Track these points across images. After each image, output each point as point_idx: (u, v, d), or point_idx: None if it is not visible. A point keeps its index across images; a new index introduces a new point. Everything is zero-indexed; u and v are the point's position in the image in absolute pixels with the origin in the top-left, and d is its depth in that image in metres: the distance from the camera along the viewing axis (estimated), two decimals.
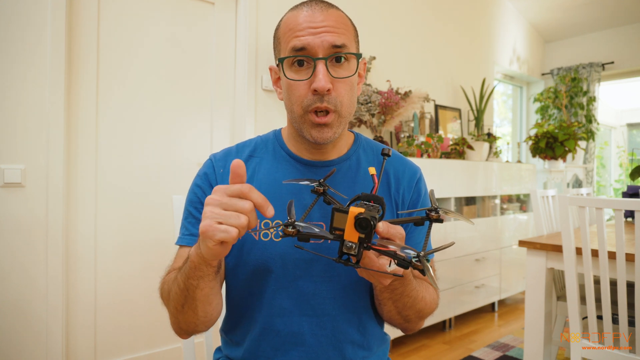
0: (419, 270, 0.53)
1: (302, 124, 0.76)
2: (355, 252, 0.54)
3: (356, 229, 0.52)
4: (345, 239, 0.54)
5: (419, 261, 0.53)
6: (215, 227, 0.55)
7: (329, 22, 0.73)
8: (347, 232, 0.53)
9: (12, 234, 1.62)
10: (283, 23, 0.77)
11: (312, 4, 0.75)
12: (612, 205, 1.40)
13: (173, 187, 2.05)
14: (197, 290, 0.68)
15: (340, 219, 0.54)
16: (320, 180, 0.64)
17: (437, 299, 0.85)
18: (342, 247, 0.54)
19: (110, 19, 1.87)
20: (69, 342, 1.78)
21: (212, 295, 0.72)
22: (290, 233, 0.55)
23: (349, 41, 0.75)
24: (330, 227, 0.55)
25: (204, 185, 0.83)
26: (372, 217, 0.52)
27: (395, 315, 0.80)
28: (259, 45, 2.28)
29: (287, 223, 0.56)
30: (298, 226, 0.56)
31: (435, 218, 0.58)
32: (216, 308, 0.76)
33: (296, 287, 0.79)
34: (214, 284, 0.71)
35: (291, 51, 0.73)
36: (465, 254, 2.83)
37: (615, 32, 4.33)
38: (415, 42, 3.21)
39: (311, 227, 0.57)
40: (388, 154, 0.66)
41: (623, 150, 6.19)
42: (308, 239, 0.57)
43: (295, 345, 0.79)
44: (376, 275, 0.62)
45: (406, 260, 0.54)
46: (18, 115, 1.62)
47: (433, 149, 2.81)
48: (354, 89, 0.78)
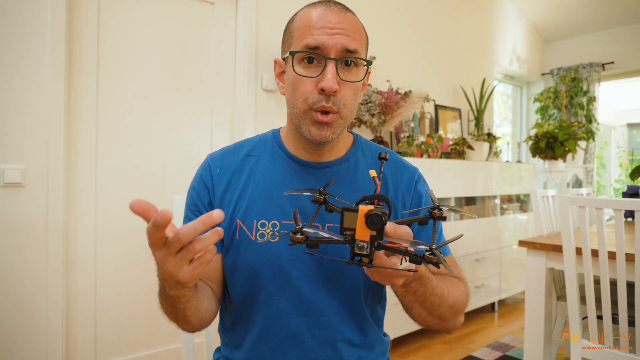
0: (433, 264, 0.52)
1: (303, 120, 0.75)
2: (367, 251, 0.53)
3: (367, 226, 0.52)
4: (356, 239, 0.53)
5: (432, 254, 0.52)
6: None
7: (345, 25, 0.73)
8: (358, 231, 0.53)
9: (12, 234, 1.62)
10: (298, 18, 0.77)
11: (331, 4, 0.75)
12: (612, 205, 1.40)
13: (173, 187, 2.05)
14: (186, 310, 0.70)
15: (351, 218, 0.53)
16: (320, 189, 0.64)
17: (467, 289, 0.84)
18: (354, 248, 0.54)
19: (110, 18, 1.87)
20: (69, 342, 1.78)
21: (202, 304, 0.75)
22: (299, 240, 0.55)
23: (361, 47, 0.76)
24: (341, 228, 0.54)
25: (200, 187, 0.83)
26: (383, 212, 0.52)
27: (428, 316, 0.78)
28: (259, 45, 2.28)
29: (295, 230, 0.56)
30: (306, 232, 0.56)
31: (438, 216, 0.58)
32: (209, 308, 0.79)
33: (293, 288, 0.78)
34: (200, 295, 0.73)
35: (304, 48, 0.73)
36: (465, 254, 2.83)
37: (615, 32, 4.33)
38: (415, 42, 3.21)
39: (319, 232, 0.57)
40: (385, 157, 0.66)
41: (623, 150, 6.19)
42: (317, 245, 0.57)
43: (294, 346, 0.79)
44: (389, 277, 0.61)
45: (418, 255, 0.53)
46: (18, 115, 1.62)
47: (433, 149, 2.81)
48: (357, 94, 0.78)
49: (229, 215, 0.80)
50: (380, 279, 0.63)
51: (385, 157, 0.66)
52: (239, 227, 0.79)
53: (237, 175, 0.83)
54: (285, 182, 0.81)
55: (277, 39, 2.33)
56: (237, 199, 0.81)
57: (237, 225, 0.79)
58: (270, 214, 0.79)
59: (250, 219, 0.79)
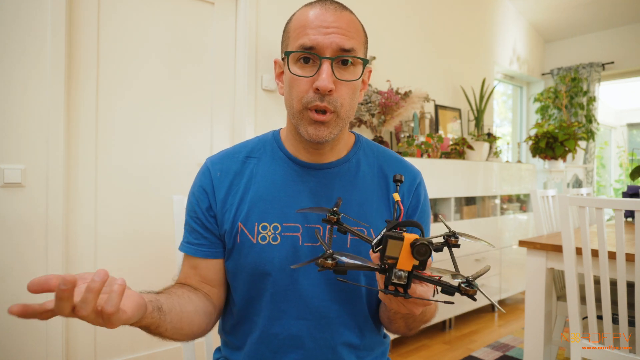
0: (468, 296, 0.51)
1: (300, 120, 0.75)
2: (405, 281, 0.52)
3: (414, 256, 0.50)
4: (396, 268, 0.51)
5: (469, 286, 0.51)
6: None
7: (341, 24, 0.73)
8: (401, 261, 0.51)
9: (12, 234, 1.62)
10: (295, 18, 0.77)
11: (327, 3, 0.75)
12: (612, 205, 1.40)
13: (173, 187, 2.05)
14: (166, 332, 0.69)
15: (395, 246, 0.51)
16: (334, 208, 0.62)
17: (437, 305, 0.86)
18: (391, 277, 0.52)
19: (110, 18, 1.87)
20: (69, 342, 1.78)
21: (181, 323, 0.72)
22: (328, 266, 0.52)
23: (358, 46, 0.75)
24: (382, 256, 0.52)
25: (198, 193, 0.83)
26: (430, 242, 0.50)
27: (404, 329, 0.82)
28: (259, 45, 2.28)
29: (326, 255, 0.53)
30: (337, 258, 0.53)
31: (454, 243, 0.57)
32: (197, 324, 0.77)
33: (294, 290, 0.78)
34: (167, 321, 0.68)
35: (300, 47, 0.73)
36: (465, 254, 2.83)
37: (615, 32, 4.33)
38: (415, 42, 3.21)
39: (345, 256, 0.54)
40: (400, 180, 0.64)
41: (623, 150, 6.19)
42: (346, 272, 0.54)
43: (294, 349, 0.79)
44: (409, 306, 0.60)
45: (453, 287, 0.52)
46: (18, 115, 1.62)
47: (433, 149, 2.81)
48: (356, 93, 0.77)
49: (231, 218, 0.80)
50: (398, 306, 0.61)
51: (401, 180, 0.65)
52: (240, 231, 0.79)
53: (239, 177, 0.82)
54: (286, 184, 0.81)
55: (277, 39, 2.33)
56: (239, 202, 0.80)
57: (239, 229, 0.79)
58: (271, 217, 0.79)
59: (251, 222, 0.79)
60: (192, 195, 0.84)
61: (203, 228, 0.82)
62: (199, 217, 0.82)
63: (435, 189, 2.60)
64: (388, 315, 0.79)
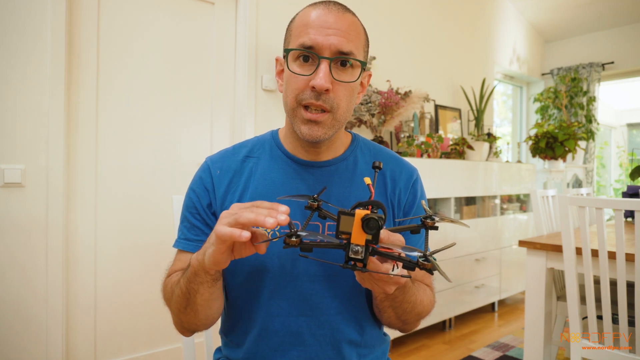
0: (426, 270, 0.53)
1: (294, 118, 0.77)
2: (362, 256, 0.54)
3: (364, 229, 0.53)
4: (352, 243, 0.54)
5: (426, 260, 0.53)
6: (228, 229, 0.58)
7: (341, 27, 0.73)
8: (354, 235, 0.54)
9: (12, 234, 1.62)
10: (298, 17, 0.78)
11: (330, 5, 0.76)
12: (612, 205, 1.40)
13: (173, 187, 2.05)
14: (198, 295, 0.70)
15: (347, 222, 0.54)
16: (315, 195, 0.65)
17: (434, 298, 0.86)
18: (348, 252, 0.54)
19: (110, 19, 1.87)
20: (68, 342, 1.78)
21: (212, 300, 0.74)
22: (293, 243, 0.56)
23: (357, 48, 0.76)
24: (337, 232, 0.55)
25: (199, 189, 0.83)
26: (379, 217, 0.52)
27: (395, 320, 0.81)
28: (259, 45, 2.28)
29: (290, 233, 0.56)
30: (301, 235, 0.56)
31: (431, 225, 0.59)
32: (217, 311, 0.78)
33: (294, 287, 0.79)
34: (214, 290, 0.72)
35: (299, 46, 0.74)
36: (465, 254, 2.83)
37: (615, 32, 4.33)
38: (415, 42, 3.21)
39: (314, 234, 0.57)
40: (379, 166, 0.67)
41: (623, 150, 6.19)
42: (311, 249, 0.57)
43: (294, 345, 0.79)
44: (380, 284, 0.62)
45: (412, 261, 0.54)
46: (18, 115, 1.62)
47: (433, 149, 2.81)
48: (353, 95, 0.78)
49: None
50: (371, 285, 0.63)
51: (379, 167, 0.67)
52: None
53: (238, 176, 0.83)
54: (285, 182, 0.82)
55: (277, 39, 2.33)
56: (238, 200, 0.81)
57: None
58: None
59: None
60: (192, 192, 0.84)
61: (204, 224, 0.82)
62: (199, 213, 0.82)
63: (435, 189, 2.60)
64: (377, 304, 0.80)
